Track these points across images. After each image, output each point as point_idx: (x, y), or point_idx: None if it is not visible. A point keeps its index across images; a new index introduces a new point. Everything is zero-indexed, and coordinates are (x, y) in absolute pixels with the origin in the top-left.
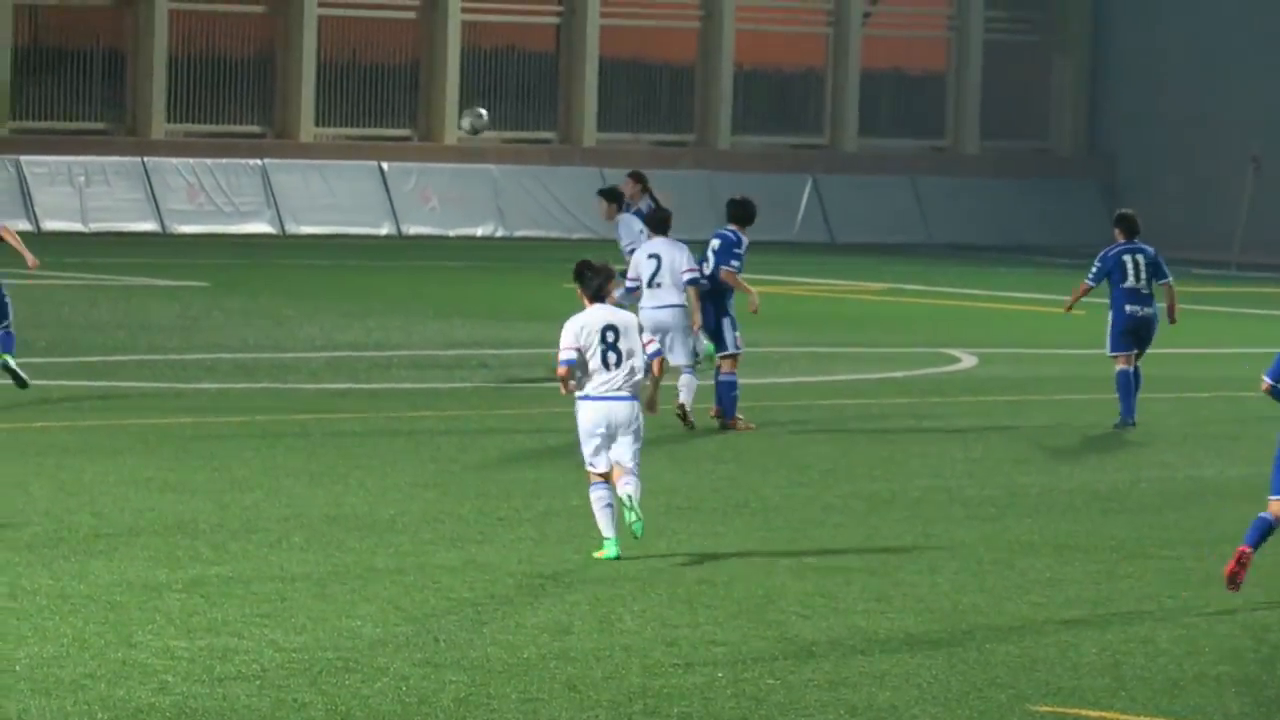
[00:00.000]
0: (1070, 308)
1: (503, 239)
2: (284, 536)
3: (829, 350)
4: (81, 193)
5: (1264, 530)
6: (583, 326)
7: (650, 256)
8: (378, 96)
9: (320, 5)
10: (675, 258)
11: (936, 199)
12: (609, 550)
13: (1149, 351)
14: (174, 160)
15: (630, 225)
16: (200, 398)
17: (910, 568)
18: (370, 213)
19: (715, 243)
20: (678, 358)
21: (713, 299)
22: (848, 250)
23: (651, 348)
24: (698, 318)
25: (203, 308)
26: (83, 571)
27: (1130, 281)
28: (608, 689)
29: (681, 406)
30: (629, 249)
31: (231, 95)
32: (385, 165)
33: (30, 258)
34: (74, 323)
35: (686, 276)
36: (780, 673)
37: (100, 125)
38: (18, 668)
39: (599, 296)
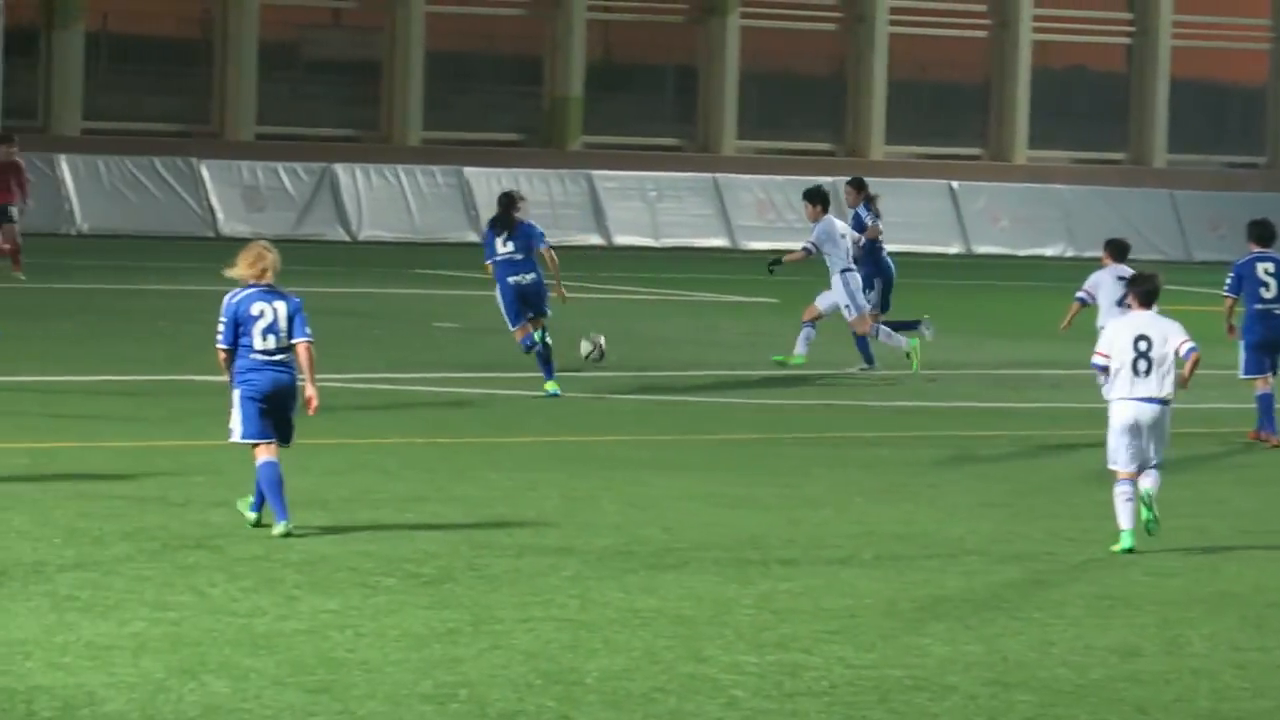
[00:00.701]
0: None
1: (1072, 259)
2: (854, 554)
3: None
4: (653, 208)
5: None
6: (1116, 333)
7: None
8: (948, 115)
9: (891, 24)
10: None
11: None
12: (1125, 542)
13: None
14: (744, 177)
15: (831, 228)
16: (766, 414)
17: None
18: (940, 231)
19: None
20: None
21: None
22: None
23: (1185, 347)
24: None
25: (772, 324)
26: (652, 585)
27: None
28: (1177, 712)
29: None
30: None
31: (802, 112)
32: (955, 184)
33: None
34: (644, 336)
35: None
36: None
37: (672, 141)
38: (588, 680)
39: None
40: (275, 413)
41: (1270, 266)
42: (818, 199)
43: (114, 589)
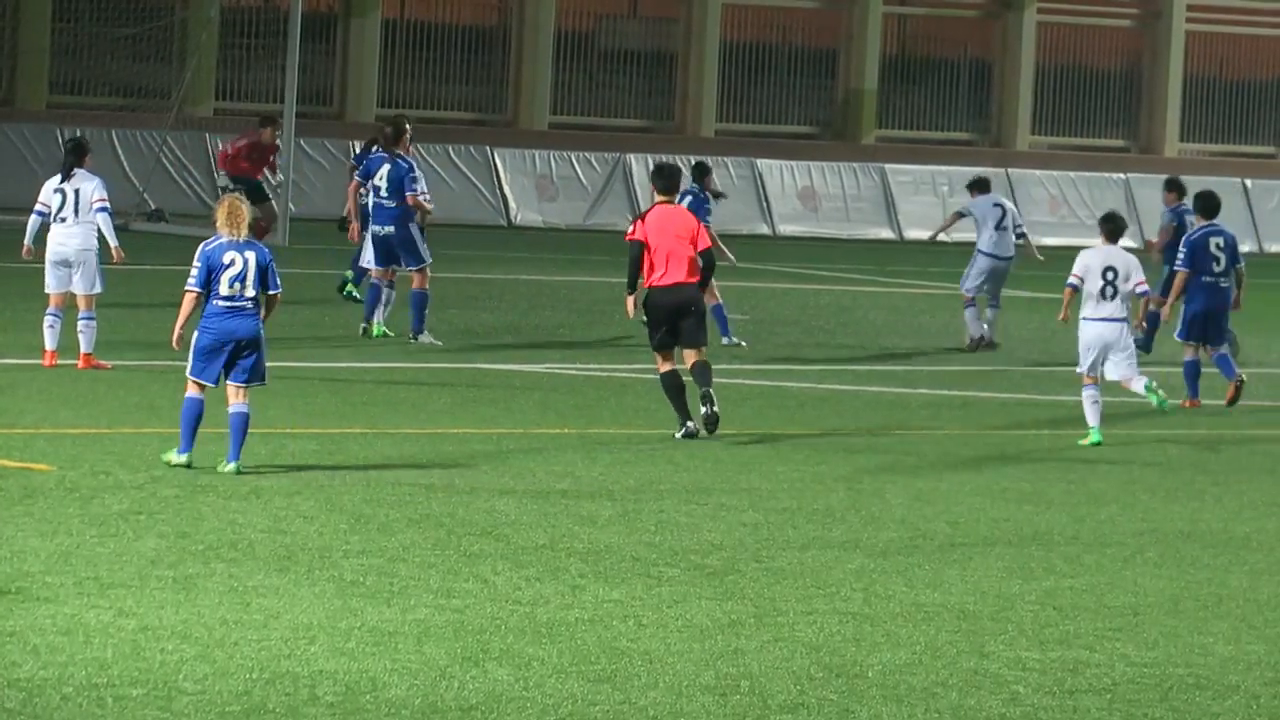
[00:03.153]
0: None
1: None
2: (1138, 551)
3: None
4: (945, 202)
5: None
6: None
7: None
8: (1243, 112)
9: (1188, 20)
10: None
11: None
12: (1093, 438)
13: None
14: (1037, 172)
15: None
16: (1059, 409)
17: None
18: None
19: None
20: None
21: None
22: None
23: (1140, 288)
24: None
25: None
26: (936, 580)
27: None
28: None
29: None
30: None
31: (1096, 108)
32: (1249, 182)
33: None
34: (932, 331)
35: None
36: None
37: (965, 135)
38: (870, 674)
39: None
40: (233, 356)
41: (1220, 241)
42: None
43: (399, 575)
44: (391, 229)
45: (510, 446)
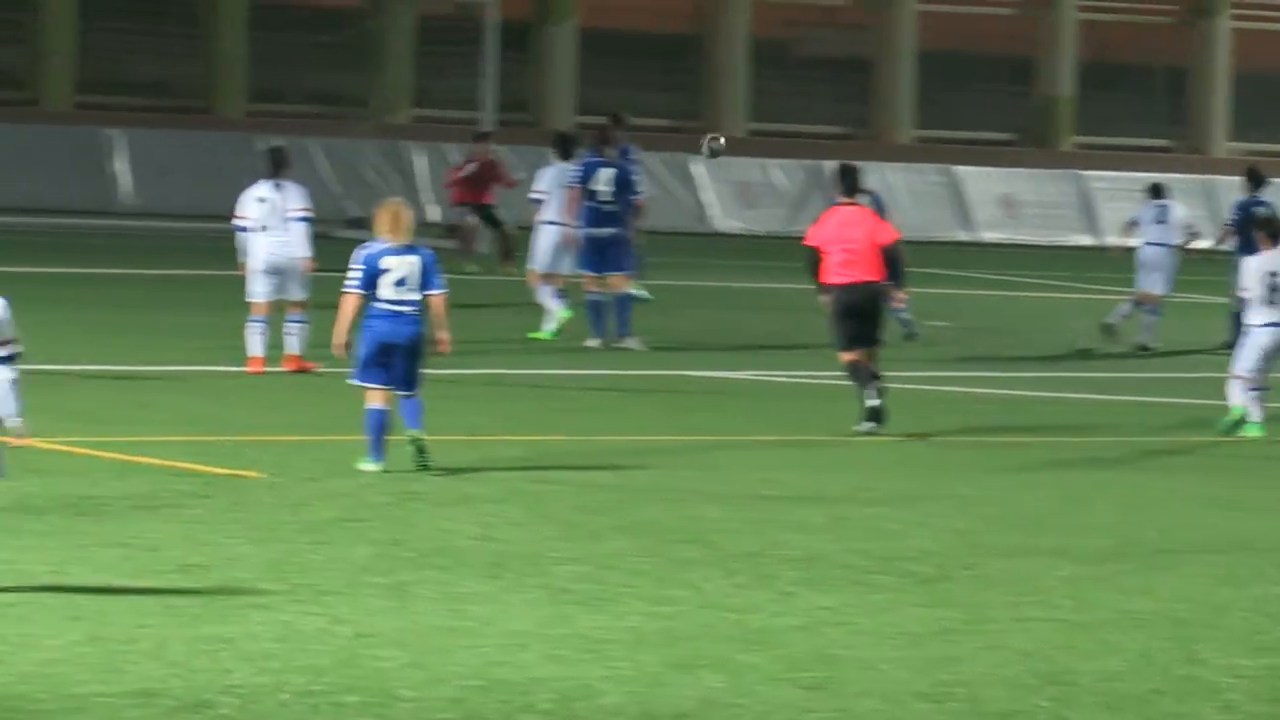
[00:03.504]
0: None
1: None
2: None
3: None
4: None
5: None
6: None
7: None
8: None
9: None
10: None
11: None
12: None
13: None
14: (1237, 179)
15: None
16: (1271, 417)
17: None
18: None
19: None
20: None
21: None
22: None
23: None
24: None
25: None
26: (1147, 587)
27: None
28: None
29: None
30: None
31: None
32: None
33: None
34: (1127, 334)
35: None
36: None
37: (1163, 142)
38: (1083, 681)
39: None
40: (398, 361)
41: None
42: None
43: (609, 582)
44: (614, 230)
45: (717, 453)
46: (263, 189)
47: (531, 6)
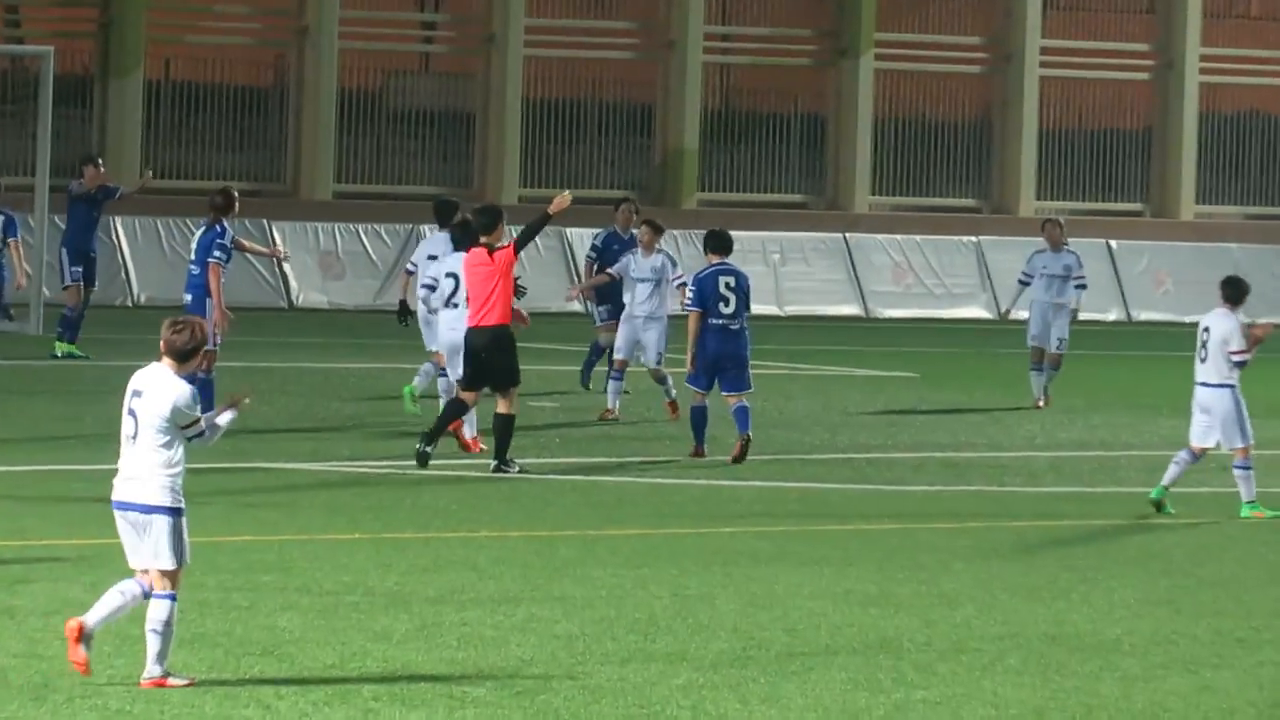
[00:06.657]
0: None
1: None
2: (998, 658)
3: None
4: (776, 271)
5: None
6: None
7: None
8: (1105, 167)
9: (1042, 66)
10: None
11: None
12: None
13: None
14: (879, 236)
15: None
16: (907, 501)
17: None
18: (1096, 296)
19: None
20: None
21: None
22: None
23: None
24: None
25: (910, 401)
26: (774, 695)
27: None
28: None
29: None
30: None
31: (943, 165)
32: (1114, 243)
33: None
34: (766, 415)
35: None
36: None
37: (797, 197)
38: None
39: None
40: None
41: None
42: None
43: (172, 702)
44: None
45: (294, 555)
46: (450, 261)
47: (94, 58)
